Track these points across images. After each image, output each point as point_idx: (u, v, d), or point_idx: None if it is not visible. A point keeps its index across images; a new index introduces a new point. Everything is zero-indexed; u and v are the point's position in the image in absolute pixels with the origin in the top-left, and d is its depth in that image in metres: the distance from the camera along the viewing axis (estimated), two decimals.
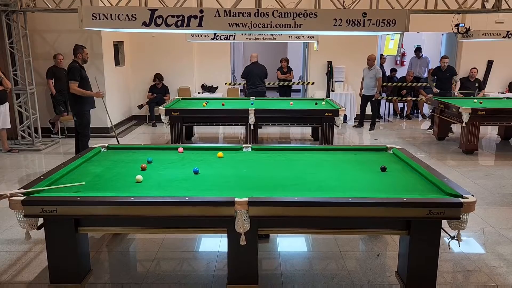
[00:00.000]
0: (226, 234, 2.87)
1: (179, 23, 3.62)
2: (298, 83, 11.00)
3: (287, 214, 2.74)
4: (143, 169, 3.43)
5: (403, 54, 14.65)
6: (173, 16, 3.62)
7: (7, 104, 7.18)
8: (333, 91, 10.31)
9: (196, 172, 3.36)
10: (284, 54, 13.44)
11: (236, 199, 2.68)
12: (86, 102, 6.29)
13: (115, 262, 3.66)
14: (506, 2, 6.60)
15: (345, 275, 3.41)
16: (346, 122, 10.02)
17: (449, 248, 3.73)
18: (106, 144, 4.19)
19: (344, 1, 6.02)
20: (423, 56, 11.84)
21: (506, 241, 4.02)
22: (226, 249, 2.94)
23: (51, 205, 2.70)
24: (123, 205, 2.71)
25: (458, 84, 9.36)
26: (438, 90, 8.87)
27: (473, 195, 2.77)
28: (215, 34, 8.12)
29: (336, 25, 3.82)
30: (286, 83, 10.35)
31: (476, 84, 9.69)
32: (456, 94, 9.20)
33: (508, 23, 9.76)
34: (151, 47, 9.96)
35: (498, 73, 10.64)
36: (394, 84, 10.81)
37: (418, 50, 11.78)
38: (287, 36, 8.55)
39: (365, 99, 9.38)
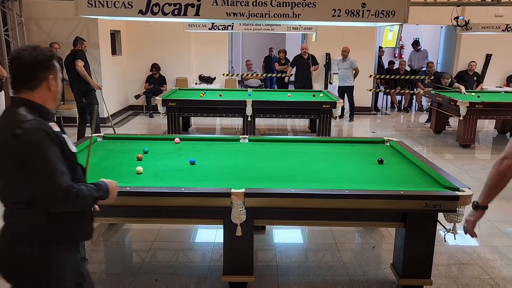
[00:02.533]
0: (222, 225, 2.86)
1: (176, 12, 3.56)
2: (292, 75, 10.93)
3: (283, 206, 2.73)
4: (139, 159, 3.40)
5: (402, 47, 14.62)
6: (170, 4, 3.57)
7: (2, 92, 7.12)
8: (331, 83, 10.28)
9: (192, 163, 3.34)
10: (282, 46, 13.34)
11: (233, 190, 2.67)
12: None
13: (110, 252, 3.66)
14: None
15: (341, 267, 3.42)
16: (343, 115, 10.01)
17: (445, 241, 3.74)
18: (102, 134, 4.16)
19: None
20: (422, 49, 11.82)
21: (501, 234, 4.04)
22: (222, 240, 2.94)
23: None
24: (118, 195, 2.68)
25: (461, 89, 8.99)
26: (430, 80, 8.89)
27: (469, 188, 2.76)
28: (213, 24, 8.05)
29: (335, 16, 3.77)
30: (285, 75, 10.31)
31: (475, 78, 9.67)
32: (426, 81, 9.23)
33: (508, 16, 9.72)
34: (148, 36, 9.88)
35: (497, 66, 10.62)
36: (393, 76, 10.79)
37: (415, 43, 11.80)
38: (285, 27, 8.49)
39: (341, 90, 9.39)
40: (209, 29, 8.22)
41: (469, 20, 8.00)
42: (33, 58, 1.70)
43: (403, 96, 10.99)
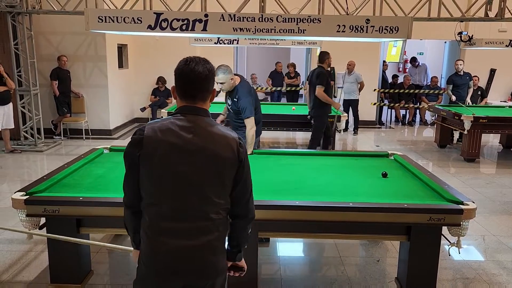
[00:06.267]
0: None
1: (184, 27, 3.65)
2: (300, 89, 11.03)
3: (287, 218, 2.75)
4: None
5: (406, 61, 14.70)
6: (178, 20, 3.65)
7: (11, 104, 7.22)
8: (335, 96, 10.33)
9: None
10: (287, 59, 13.46)
11: None
12: (328, 106, 6.50)
13: (115, 263, 3.67)
14: (509, 11, 6.62)
15: (345, 280, 3.41)
16: (347, 128, 10.03)
17: (449, 255, 3.72)
18: (108, 146, 4.21)
19: (347, 8, 6.05)
20: (420, 64, 11.96)
21: (507, 249, 4.01)
22: None
23: (53, 205, 2.72)
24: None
25: (471, 90, 8.81)
26: (455, 98, 8.42)
27: (473, 202, 2.77)
28: (218, 38, 8.16)
29: (339, 31, 3.85)
30: (294, 88, 10.43)
31: (479, 92, 9.70)
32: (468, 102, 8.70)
33: (511, 31, 9.78)
34: (154, 50, 10.00)
35: (501, 81, 10.65)
36: (397, 90, 10.85)
37: (413, 60, 12.00)
38: (290, 41, 8.58)
39: (346, 104, 9.46)
40: (215, 43, 8.33)
41: (472, 35, 8.05)
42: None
43: (407, 110, 11.02)
